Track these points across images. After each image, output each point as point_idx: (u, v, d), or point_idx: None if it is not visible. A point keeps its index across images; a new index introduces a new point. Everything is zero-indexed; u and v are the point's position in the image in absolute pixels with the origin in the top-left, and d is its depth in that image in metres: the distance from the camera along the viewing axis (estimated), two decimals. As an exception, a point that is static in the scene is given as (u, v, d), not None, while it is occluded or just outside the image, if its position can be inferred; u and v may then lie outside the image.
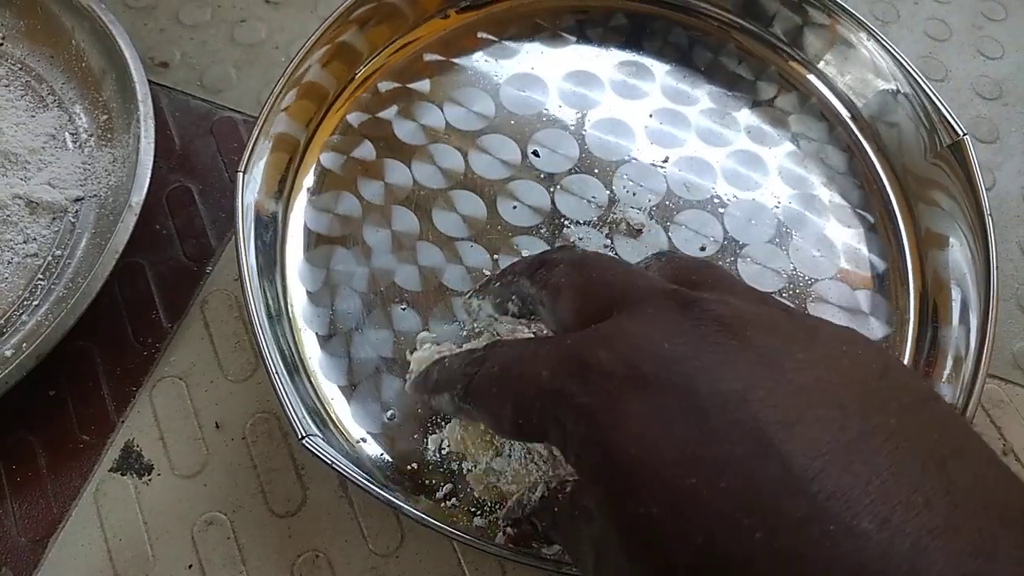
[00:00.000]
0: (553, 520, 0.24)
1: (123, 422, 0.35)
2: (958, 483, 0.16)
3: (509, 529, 0.27)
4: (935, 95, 0.38)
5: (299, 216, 0.38)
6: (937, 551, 0.15)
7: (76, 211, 0.39)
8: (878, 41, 0.40)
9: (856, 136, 0.42)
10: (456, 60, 0.42)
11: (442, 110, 0.41)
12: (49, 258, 0.38)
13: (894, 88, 0.40)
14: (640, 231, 0.38)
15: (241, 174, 0.34)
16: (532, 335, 0.30)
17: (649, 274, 0.23)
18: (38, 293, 0.37)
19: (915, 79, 0.39)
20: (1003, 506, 0.16)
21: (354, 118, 0.40)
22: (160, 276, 0.38)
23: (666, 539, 0.17)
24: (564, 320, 0.23)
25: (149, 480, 0.33)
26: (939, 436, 0.17)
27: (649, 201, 0.39)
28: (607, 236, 0.38)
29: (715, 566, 0.16)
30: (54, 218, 0.39)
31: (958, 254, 0.37)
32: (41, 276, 0.37)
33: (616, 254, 0.37)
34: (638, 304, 0.21)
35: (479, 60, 0.42)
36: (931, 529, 0.15)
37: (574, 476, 0.24)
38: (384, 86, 0.41)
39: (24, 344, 0.35)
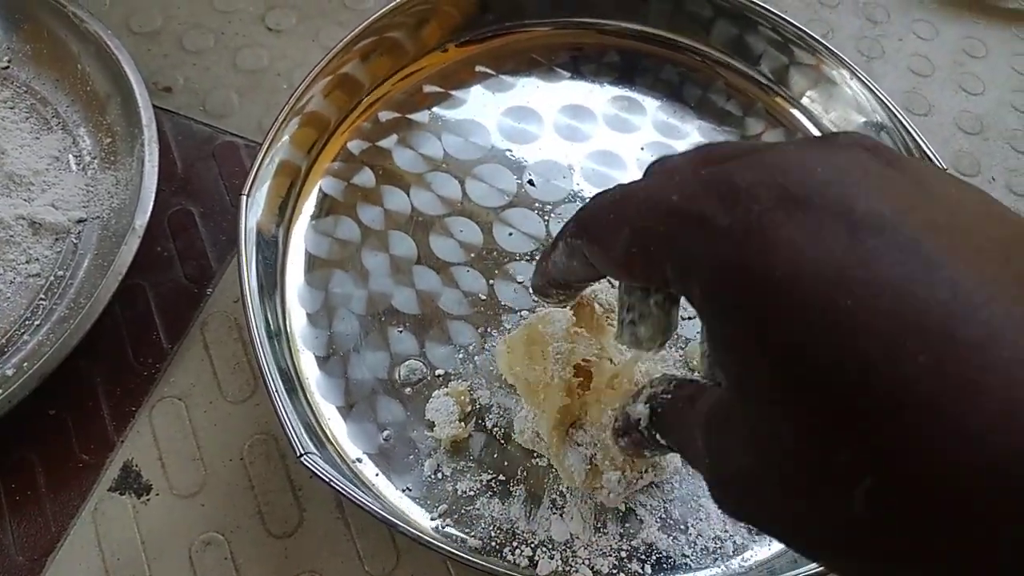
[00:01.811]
0: (658, 420, 0.23)
1: (122, 442, 0.35)
2: None
3: (621, 441, 0.26)
4: (916, 132, 0.40)
5: (299, 239, 0.38)
6: None
7: (79, 232, 0.39)
8: (860, 79, 0.42)
9: (841, 170, 0.43)
10: (455, 92, 0.44)
11: (440, 140, 0.42)
12: (51, 278, 0.38)
13: (877, 125, 0.42)
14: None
15: (244, 197, 0.35)
16: None
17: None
18: (40, 313, 0.37)
19: (897, 116, 0.40)
20: None
21: (355, 146, 0.41)
22: (161, 297, 0.39)
23: (820, 370, 0.15)
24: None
25: (147, 500, 0.34)
26: None
27: (641, 230, 0.40)
28: (600, 264, 0.39)
29: (875, 396, 0.14)
30: (57, 239, 0.39)
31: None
32: (43, 296, 0.38)
33: (609, 281, 0.38)
34: (777, 144, 0.19)
35: (477, 92, 0.44)
36: None
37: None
38: (384, 116, 0.42)
39: (25, 364, 0.35)
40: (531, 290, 0.32)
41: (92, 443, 0.35)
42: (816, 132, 0.44)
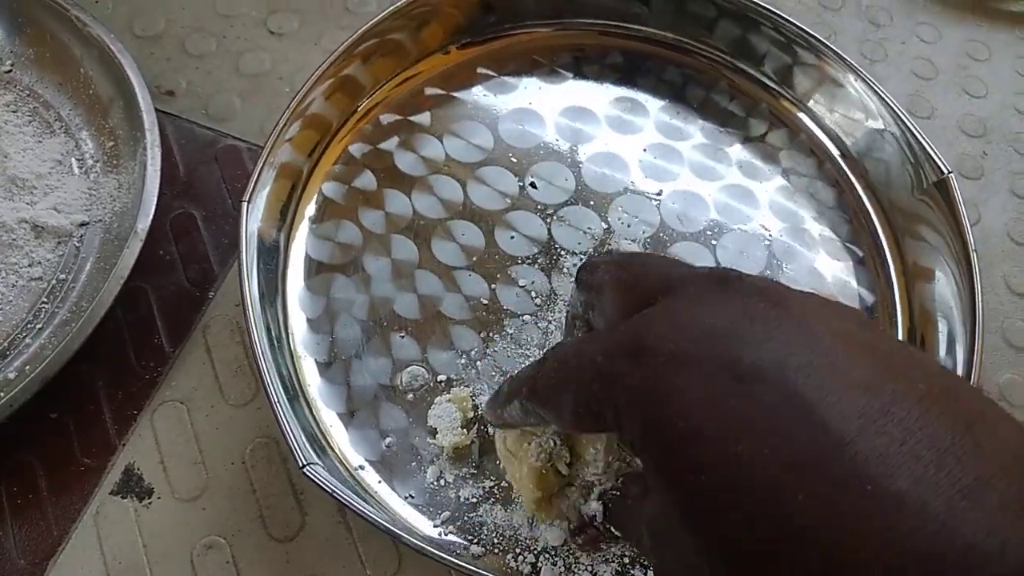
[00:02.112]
0: (610, 515, 0.25)
1: (124, 445, 0.35)
2: (984, 444, 0.16)
3: (578, 538, 0.28)
4: (920, 134, 0.40)
5: (301, 244, 0.38)
6: (969, 509, 0.15)
7: (81, 236, 0.39)
8: (865, 81, 0.42)
9: (844, 172, 0.43)
10: (456, 94, 0.43)
11: (442, 142, 0.42)
12: (53, 282, 0.38)
13: (881, 126, 0.42)
14: (634, 262, 0.39)
15: (245, 203, 0.34)
16: None
17: (682, 261, 0.24)
18: (42, 316, 0.37)
19: (901, 118, 0.40)
20: None
21: (356, 149, 0.41)
22: (163, 301, 0.39)
23: (719, 507, 0.17)
24: (611, 315, 0.24)
25: (149, 503, 0.34)
26: (961, 402, 0.18)
27: (643, 232, 0.40)
28: (602, 267, 0.39)
29: (765, 528, 0.17)
30: (59, 242, 0.39)
31: (944, 287, 0.38)
32: (45, 299, 0.38)
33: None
34: (681, 287, 0.22)
35: (479, 94, 0.44)
36: (962, 487, 0.15)
37: (625, 467, 0.25)
38: (386, 118, 0.42)
39: (27, 367, 0.35)
40: (483, 414, 0.33)
41: (94, 446, 0.35)
42: (820, 133, 0.44)
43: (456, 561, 0.29)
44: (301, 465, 0.29)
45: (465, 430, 0.34)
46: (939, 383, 0.18)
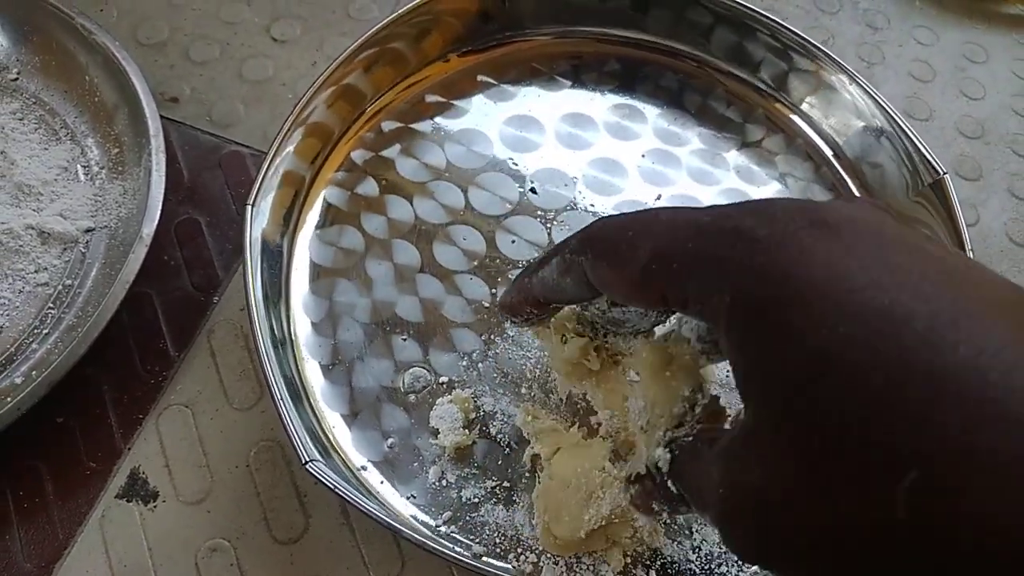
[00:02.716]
0: (676, 462, 0.23)
1: (129, 449, 0.35)
2: None
3: (632, 489, 0.26)
4: (915, 136, 0.40)
5: (304, 249, 0.39)
6: None
7: (87, 242, 0.40)
8: (860, 85, 0.42)
9: (841, 175, 0.43)
10: (457, 102, 0.44)
11: (443, 149, 0.42)
12: (60, 287, 0.39)
13: (876, 130, 0.42)
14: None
15: (249, 207, 0.35)
16: None
17: None
18: (48, 322, 0.38)
19: (896, 121, 0.41)
20: None
21: (358, 156, 0.42)
22: (168, 306, 0.39)
23: (859, 368, 0.16)
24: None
25: (154, 507, 0.34)
26: None
27: (643, 237, 0.40)
28: (602, 270, 0.39)
29: (915, 389, 0.15)
30: (65, 248, 0.40)
31: (943, 288, 0.38)
32: (52, 305, 0.38)
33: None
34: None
35: (479, 102, 0.44)
36: None
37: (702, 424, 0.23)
38: (387, 125, 0.43)
39: (34, 372, 0.36)
40: (498, 307, 0.31)
41: (99, 450, 0.35)
42: (816, 137, 0.44)
43: (458, 557, 0.29)
44: (304, 462, 0.29)
45: (467, 430, 0.34)
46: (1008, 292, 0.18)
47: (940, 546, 0.15)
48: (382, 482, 0.33)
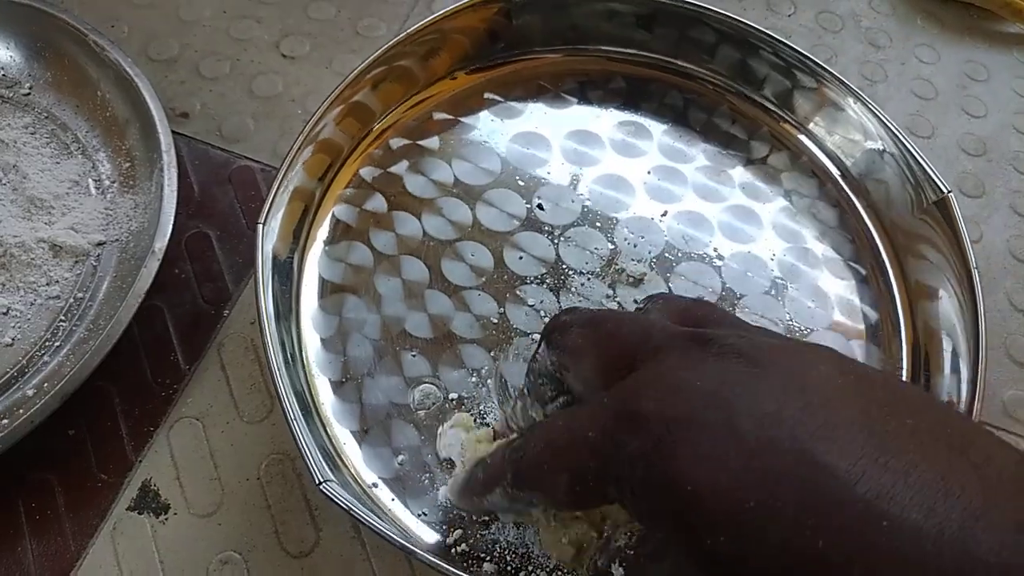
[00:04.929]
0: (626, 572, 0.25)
1: (141, 462, 0.36)
2: (982, 467, 0.17)
3: None
4: (919, 155, 0.40)
5: (314, 265, 0.39)
6: (983, 531, 0.16)
7: (98, 255, 0.40)
8: (863, 103, 0.42)
9: (846, 192, 0.44)
10: (464, 119, 0.44)
11: (451, 166, 0.43)
12: (71, 300, 0.39)
13: (880, 147, 0.42)
14: (641, 281, 0.40)
15: (261, 226, 0.35)
16: None
17: (654, 319, 0.25)
18: (60, 335, 0.38)
19: (900, 139, 0.41)
20: None
21: (367, 172, 0.42)
22: (178, 319, 0.39)
23: (739, 562, 0.18)
24: (590, 380, 0.24)
25: (166, 519, 0.34)
26: (951, 429, 0.18)
27: (649, 253, 0.41)
28: (609, 286, 0.39)
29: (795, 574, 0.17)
30: (76, 261, 0.40)
31: (947, 305, 0.38)
32: (63, 318, 0.38)
33: (619, 302, 0.39)
34: (660, 350, 0.22)
35: (486, 119, 0.45)
36: (972, 512, 0.16)
37: (634, 529, 0.25)
38: (396, 143, 0.43)
39: (46, 384, 0.36)
40: (448, 501, 0.32)
41: (111, 463, 0.36)
42: (820, 155, 0.45)
43: None
44: (318, 482, 0.29)
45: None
46: (927, 414, 0.19)
47: None
48: (393, 499, 0.33)
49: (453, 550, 0.32)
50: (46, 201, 0.41)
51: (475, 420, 0.35)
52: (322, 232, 0.40)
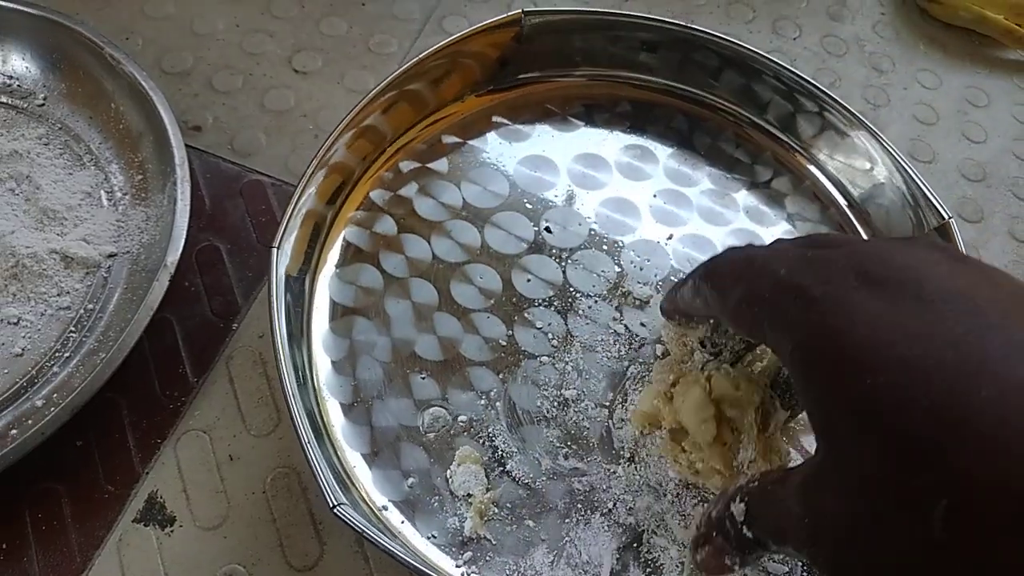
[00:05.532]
0: (749, 508, 0.25)
1: (147, 474, 0.36)
2: None
3: (700, 553, 0.27)
4: (921, 180, 0.41)
5: (324, 287, 0.39)
6: None
7: (109, 267, 0.41)
8: (865, 128, 0.43)
9: (848, 217, 0.44)
10: (472, 142, 0.45)
11: (459, 188, 0.43)
12: (81, 311, 0.39)
13: (882, 172, 0.43)
14: (647, 303, 0.40)
15: (275, 250, 0.35)
16: None
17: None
18: (70, 345, 0.38)
19: (901, 164, 0.42)
20: None
21: (377, 195, 0.42)
22: (188, 331, 0.40)
23: (896, 410, 0.19)
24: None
25: (171, 531, 0.35)
26: None
27: (655, 275, 0.41)
28: (616, 308, 0.40)
29: (945, 428, 0.18)
30: (87, 273, 0.40)
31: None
32: (73, 328, 0.39)
33: (625, 324, 0.39)
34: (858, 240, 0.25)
35: (494, 142, 0.45)
36: None
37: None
38: (405, 166, 0.44)
39: (55, 395, 0.36)
40: (660, 309, 0.35)
41: (118, 474, 0.36)
42: (823, 179, 0.45)
43: None
44: (332, 506, 0.30)
45: (487, 479, 0.34)
46: None
47: (973, 562, 0.17)
48: (403, 522, 0.33)
49: (463, 572, 0.32)
50: (58, 212, 0.41)
51: (482, 443, 0.35)
52: (333, 254, 0.40)
